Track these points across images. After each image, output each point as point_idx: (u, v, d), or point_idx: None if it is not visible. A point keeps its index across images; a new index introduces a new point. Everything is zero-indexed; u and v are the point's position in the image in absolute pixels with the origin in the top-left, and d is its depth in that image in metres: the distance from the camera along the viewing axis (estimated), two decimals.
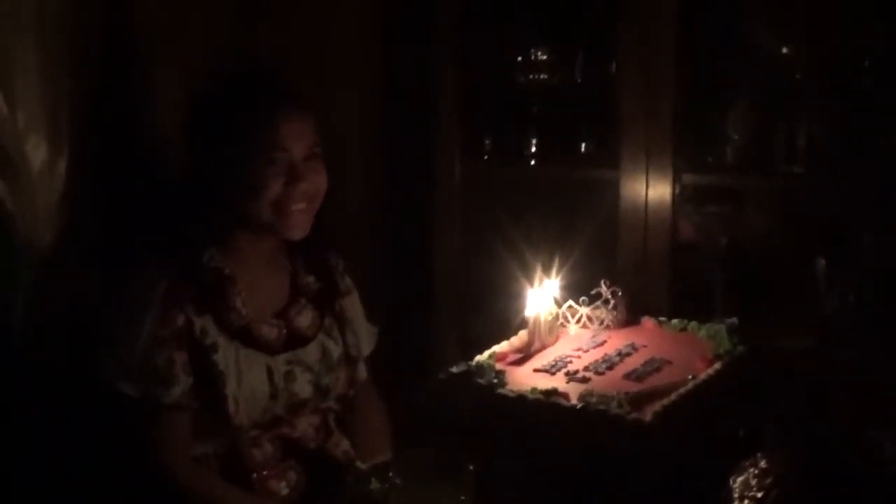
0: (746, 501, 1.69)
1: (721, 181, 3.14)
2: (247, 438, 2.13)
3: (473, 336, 2.98)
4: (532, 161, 3.29)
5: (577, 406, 1.93)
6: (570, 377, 2.10)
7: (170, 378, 2.03)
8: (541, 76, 3.25)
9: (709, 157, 3.12)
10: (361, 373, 2.38)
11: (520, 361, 2.20)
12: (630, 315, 2.46)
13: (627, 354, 2.24)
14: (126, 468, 2.13)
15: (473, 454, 1.74)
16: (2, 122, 2.11)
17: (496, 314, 2.80)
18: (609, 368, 2.15)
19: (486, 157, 3.33)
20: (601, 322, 2.42)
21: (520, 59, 3.27)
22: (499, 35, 3.28)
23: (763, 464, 1.74)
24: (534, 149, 3.27)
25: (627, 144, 2.97)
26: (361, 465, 2.13)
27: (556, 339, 2.33)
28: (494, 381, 2.04)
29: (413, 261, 3.26)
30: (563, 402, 1.95)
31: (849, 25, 2.91)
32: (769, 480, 1.70)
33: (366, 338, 2.38)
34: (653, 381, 2.08)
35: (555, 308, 2.36)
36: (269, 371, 2.14)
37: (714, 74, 3.07)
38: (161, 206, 2.25)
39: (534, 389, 1.98)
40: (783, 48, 3.08)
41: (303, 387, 2.18)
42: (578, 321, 2.41)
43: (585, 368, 2.14)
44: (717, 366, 2.14)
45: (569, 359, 2.20)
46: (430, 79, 3.19)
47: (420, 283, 3.26)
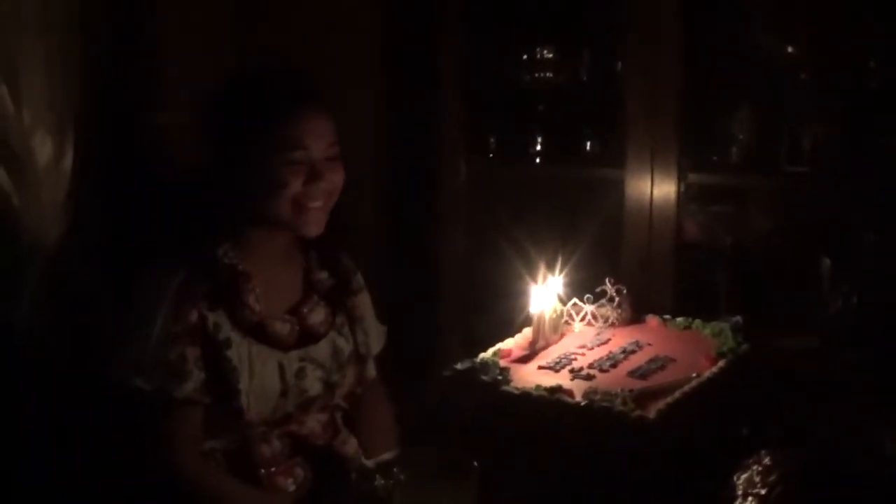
0: (750, 498, 1.69)
1: (726, 181, 3.15)
2: (256, 434, 2.13)
3: (478, 335, 2.98)
4: (537, 160, 3.30)
5: (582, 403, 1.92)
6: (575, 374, 2.10)
7: (182, 373, 2.03)
8: (546, 75, 3.26)
9: (714, 157, 3.12)
10: (370, 371, 2.38)
11: (524, 359, 2.20)
12: (634, 313, 2.46)
13: (632, 352, 2.23)
14: (130, 465, 2.13)
15: (477, 451, 1.73)
16: (8, 119, 2.12)
17: (501, 313, 2.79)
18: (613, 366, 2.15)
19: (491, 156, 3.33)
20: (606, 320, 2.41)
21: (525, 58, 3.27)
22: (504, 33, 3.28)
23: (767, 461, 1.74)
24: (539, 147, 3.28)
25: (633, 144, 2.97)
26: (366, 463, 2.13)
27: (561, 337, 2.33)
28: (499, 378, 2.04)
29: (417, 259, 3.27)
30: (568, 400, 1.94)
31: (853, 26, 2.92)
32: (773, 478, 1.70)
33: (375, 336, 2.38)
34: (657, 379, 2.08)
35: (559, 306, 2.36)
36: (281, 367, 2.14)
37: (719, 75, 3.08)
38: (171, 203, 2.25)
39: (538, 386, 1.98)
40: (788, 49, 3.09)
41: (313, 384, 2.18)
42: (583, 319, 2.41)
43: (590, 366, 2.14)
44: (721, 364, 2.14)
45: (573, 356, 2.20)
46: (434, 77, 3.19)
47: (424, 282, 3.26)
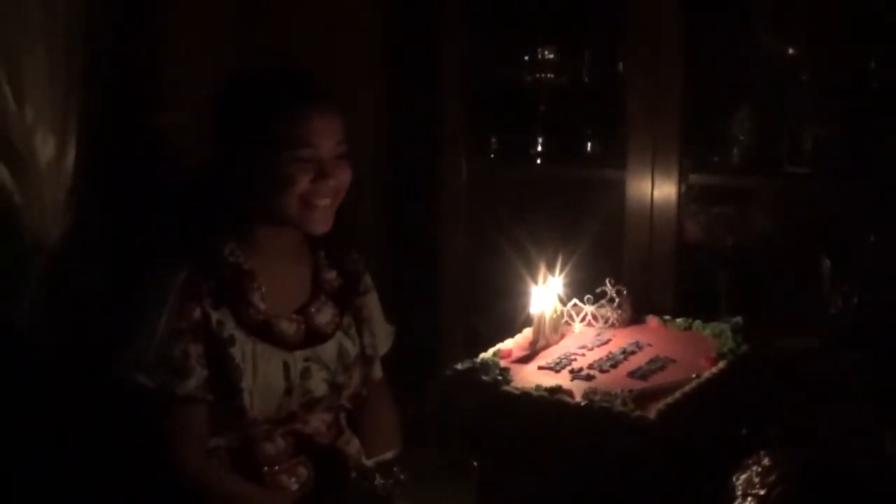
0: (749, 499, 1.69)
1: (727, 181, 3.15)
2: (259, 432, 2.13)
3: (478, 335, 2.98)
4: (538, 160, 3.29)
5: (582, 403, 1.92)
6: (575, 375, 2.09)
7: (185, 370, 2.03)
8: (547, 75, 3.26)
9: (714, 158, 3.12)
10: (376, 372, 2.38)
11: (524, 359, 2.20)
12: (635, 314, 2.45)
13: (632, 353, 2.23)
14: (133, 464, 2.14)
15: (478, 451, 1.74)
16: (10, 117, 2.13)
17: (501, 313, 2.80)
18: (613, 366, 2.15)
19: (493, 157, 3.33)
20: (606, 320, 2.41)
21: (526, 58, 3.27)
22: (505, 33, 3.28)
23: (766, 461, 1.74)
24: (540, 148, 3.27)
25: (634, 144, 2.98)
26: (366, 462, 2.13)
27: (561, 337, 2.33)
28: (499, 378, 2.03)
29: (418, 259, 3.27)
30: (568, 400, 1.94)
31: (854, 26, 2.92)
32: (772, 478, 1.70)
33: (383, 337, 2.38)
34: (657, 380, 2.08)
35: (560, 306, 2.36)
36: (286, 367, 2.14)
37: (720, 75, 3.08)
38: (172, 202, 2.26)
39: (538, 387, 1.98)
40: (789, 49, 3.09)
41: (318, 384, 2.19)
42: (583, 319, 2.41)
43: (590, 366, 2.14)
44: (722, 365, 2.13)
45: (573, 356, 2.20)
46: (435, 77, 3.19)
47: (425, 282, 3.26)
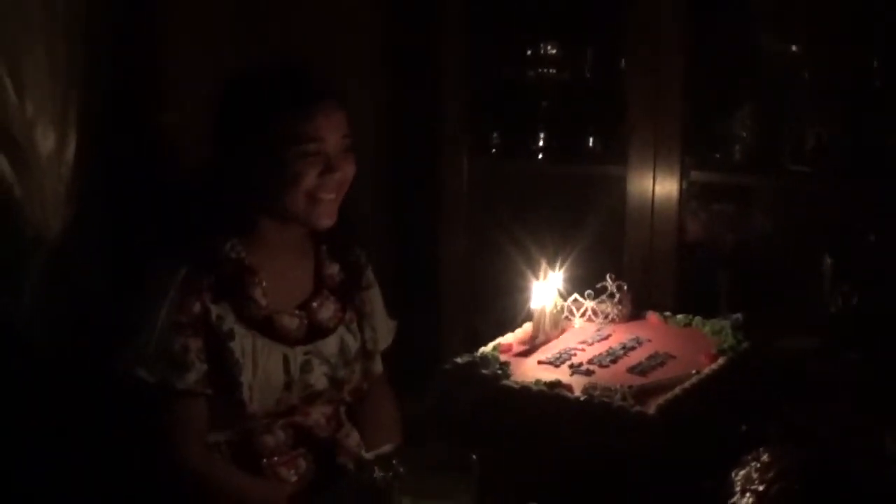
0: (748, 495, 1.70)
1: (728, 179, 3.15)
2: (259, 425, 2.13)
3: (479, 332, 2.98)
4: (539, 157, 3.29)
5: (581, 398, 1.92)
6: (574, 370, 2.09)
7: (184, 364, 2.04)
8: (549, 72, 3.25)
9: (716, 155, 3.12)
10: (377, 366, 2.38)
11: (524, 353, 2.20)
12: (635, 309, 2.46)
13: (632, 348, 2.23)
14: (133, 459, 2.14)
15: (477, 444, 1.74)
16: (11, 111, 2.12)
17: (502, 310, 2.80)
18: (613, 362, 2.15)
19: (494, 153, 3.33)
20: (606, 316, 2.41)
21: (528, 55, 3.27)
22: (506, 30, 3.27)
23: (765, 458, 1.75)
24: (541, 145, 3.27)
25: (635, 141, 2.98)
26: (365, 455, 2.13)
27: (561, 332, 2.33)
28: (499, 373, 2.03)
29: (419, 256, 3.27)
30: (567, 395, 1.94)
31: (855, 25, 2.92)
32: (771, 474, 1.71)
33: (384, 332, 2.39)
34: (656, 376, 2.08)
35: (560, 301, 2.36)
36: (286, 361, 2.14)
37: (722, 73, 3.08)
38: (173, 197, 2.26)
39: (538, 381, 1.98)
40: (790, 48, 3.09)
41: (318, 378, 2.19)
42: (583, 315, 2.41)
43: (590, 361, 2.14)
44: (721, 361, 2.14)
45: (573, 351, 2.20)
46: (436, 74, 3.19)
47: (426, 279, 3.26)
